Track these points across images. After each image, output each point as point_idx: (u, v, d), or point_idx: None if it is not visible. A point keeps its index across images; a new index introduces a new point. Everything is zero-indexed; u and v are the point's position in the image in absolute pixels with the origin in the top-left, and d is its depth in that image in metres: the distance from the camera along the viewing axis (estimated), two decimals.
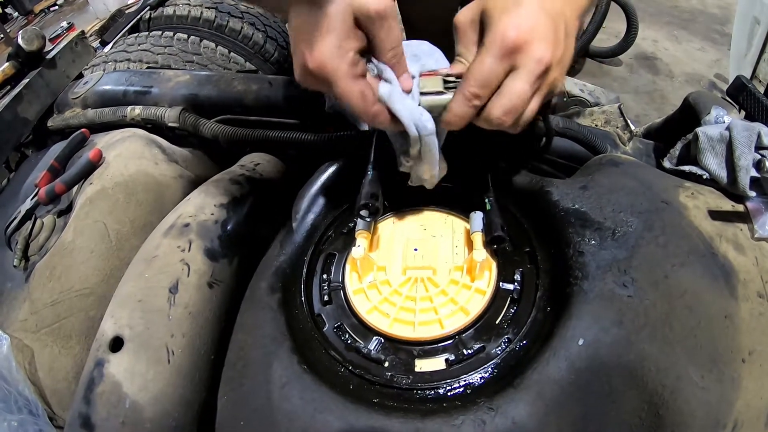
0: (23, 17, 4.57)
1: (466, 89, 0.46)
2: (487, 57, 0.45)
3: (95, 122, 0.81)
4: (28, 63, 0.88)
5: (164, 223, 0.57)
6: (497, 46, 0.44)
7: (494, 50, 0.45)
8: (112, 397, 0.46)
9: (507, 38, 0.44)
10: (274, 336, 0.50)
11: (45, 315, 0.59)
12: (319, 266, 0.57)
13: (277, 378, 0.47)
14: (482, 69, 0.45)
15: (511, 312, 0.49)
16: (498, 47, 0.44)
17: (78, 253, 0.60)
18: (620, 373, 0.43)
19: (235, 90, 0.75)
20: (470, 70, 0.46)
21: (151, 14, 1.34)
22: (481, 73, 0.45)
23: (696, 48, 2.49)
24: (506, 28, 0.44)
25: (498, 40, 0.44)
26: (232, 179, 0.62)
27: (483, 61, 0.45)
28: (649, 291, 0.45)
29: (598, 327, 0.44)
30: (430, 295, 0.50)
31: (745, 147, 0.54)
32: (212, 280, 0.53)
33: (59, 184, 0.67)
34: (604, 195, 0.53)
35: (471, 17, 0.49)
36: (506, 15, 0.45)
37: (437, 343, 0.48)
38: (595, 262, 0.48)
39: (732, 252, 0.50)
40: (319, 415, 0.44)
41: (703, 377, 0.43)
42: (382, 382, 0.46)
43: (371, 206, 0.52)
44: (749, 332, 0.47)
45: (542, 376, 0.42)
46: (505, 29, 0.44)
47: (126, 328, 0.48)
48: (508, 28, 0.44)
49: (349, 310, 0.52)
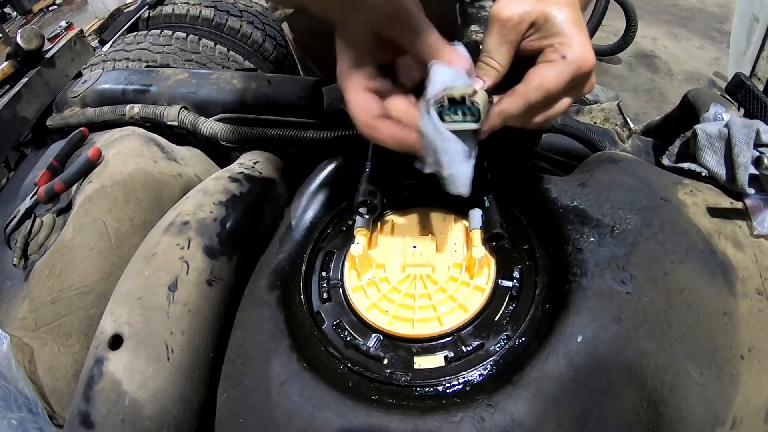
0: (22, 17, 4.57)
1: (531, 96, 0.44)
2: (566, 72, 0.44)
3: (94, 121, 0.81)
4: (27, 62, 0.88)
5: (163, 221, 0.57)
6: (576, 69, 0.44)
7: (572, 71, 0.44)
8: (111, 395, 0.46)
9: (587, 62, 0.44)
10: (273, 333, 0.50)
11: (45, 313, 0.59)
12: (318, 264, 0.57)
13: (277, 375, 0.47)
14: (557, 84, 0.44)
15: (510, 309, 0.49)
16: (576, 69, 0.44)
17: (78, 251, 0.60)
18: (619, 370, 0.43)
19: (234, 88, 0.75)
20: (547, 78, 0.44)
21: (149, 13, 1.34)
22: (555, 87, 0.44)
23: (695, 46, 2.49)
24: (584, 50, 0.44)
25: (578, 62, 0.44)
26: (231, 177, 0.62)
27: (561, 76, 0.44)
28: (648, 288, 0.45)
29: (597, 324, 0.44)
30: (429, 293, 0.50)
31: (743, 144, 0.54)
32: (211, 277, 0.53)
33: (58, 183, 0.67)
34: (602, 192, 0.53)
35: (521, 16, 0.45)
36: (579, 31, 0.44)
37: (436, 340, 0.48)
38: (593, 259, 0.48)
39: (731, 249, 0.50)
40: (318, 412, 0.44)
41: (702, 374, 0.44)
42: (381, 380, 0.46)
43: (370, 203, 0.52)
44: (748, 329, 0.47)
45: (541, 373, 0.42)
46: (583, 51, 0.44)
47: (125, 325, 0.48)
48: (585, 49, 0.44)
49: (348, 308, 0.52)
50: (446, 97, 0.43)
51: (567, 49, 0.44)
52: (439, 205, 0.60)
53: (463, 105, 0.44)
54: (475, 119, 0.44)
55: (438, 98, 0.44)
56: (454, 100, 0.43)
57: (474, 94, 0.43)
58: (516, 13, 0.45)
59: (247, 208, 0.60)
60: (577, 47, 0.44)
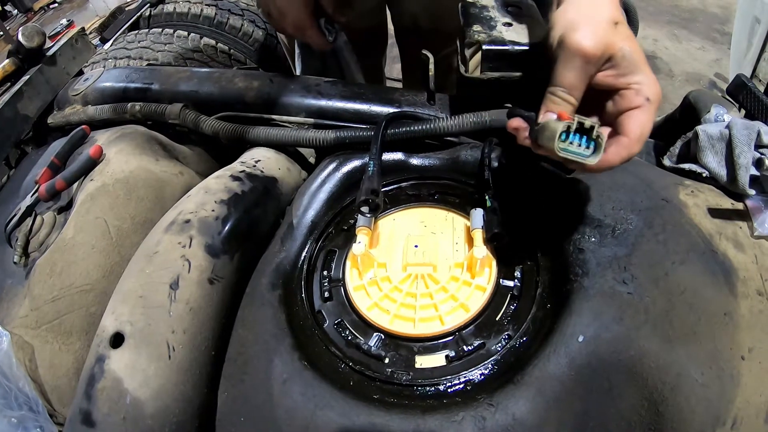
0: (23, 14, 4.56)
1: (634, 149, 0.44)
2: (653, 112, 0.45)
3: (95, 119, 0.81)
4: (29, 60, 0.88)
5: (165, 220, 0.57)
6: (657, 101, 0.45)
7: (656, 105, 0.45)
8: (113, 393, 0.46)
9: (660, 95, 0.45)
10: (275, 332, 0.50)
11: (45, 311, 0.59)
12: (319, 263, 0.57)
13: (278, 374, 0.47)
14: (650, 126, 0.45)
15: (511, 309, 0.49)
16: (657, 101, 0.45)
17: (79, 249, 0.60)
18: (620, 370, 0.43)
19: (235, 87, 0.75)
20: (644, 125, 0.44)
21: (151, 11, 1.34)
22: (649, 128, 0.45)
23: (696, 47, 2.49)
24: (658, 88, 0.45)
25: (658, 101, 0.45)
26: (233, 176, 0.62)
27: (651, 118, 0.45)
28: (649, 288, 0.46)
29: (599, 324, 0.44)
30: (431, 292, 0.51)
31: (744, 145, 0.54)
32: (213, 276, 0.53)
33: (60, 181, 0.66)
34: (604, 192, 0.53)
35: (603, 51, 0.44)
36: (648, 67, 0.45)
37: (437, 339, 0.48)
38: (595, 259, 0.48)
39: (732, 250, 0.50)
40: (319, 411, 0.44)
41: (703, 374, 0.44)
42: (383, 379, 0.46)
43: (372, 202, 0.53)
44: (749, 329, 0.47)
45: (542, 372, 0.42)
46: (658, 89, 0.45)
47: (127, 324, 0.48)
48: (658, 85, 0.45)
49: (349, 307, 0.52)
50: (578, 121, 0.42)
51: (648, 90, 0.45)
52: (441, 205, 0.60)
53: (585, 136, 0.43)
54: (592, 154, 0.43)
55: (567, 120, 0.43)
56: (583, 127, 0.43)
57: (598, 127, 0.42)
58: (600, 48, 0.44)
59: (248, 207, 0.60)
60: (654, 86, 0.45)
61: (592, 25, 0.45)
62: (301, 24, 0.72)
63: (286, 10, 0.71)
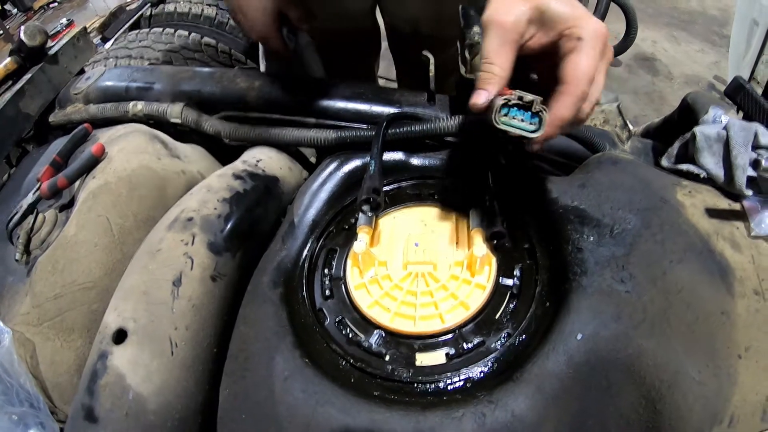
0: (22, 14, 4.56)
1: (577, 91, 0.44)
2: (591, 50, 0.44)
3: (97, 118, 0.81)
4: (30, 58, 0.88)
5: (168, 217, 0.57)
6: (597, 42, 0.44)
7: (594, 42, 0.44)
8: (115, 389, 0.47)
9: (601, 31, 0.44)
10: (276, 330, 0.50)
11: (47, 308, 0.60)
12: (320, 261, 0.57)
13: (279, 371, 0.47)
14: (591, 65, 0.44)
15: (510, 307, 0.50)
16: (597, 43, 0.44)
17: (81, 246, 0.60)
18: (618, 368, 0.43)
19: (237, 86, 0.75)
20: (579, 66, 0.44)
21: (152, 11, 1.34)
22: (591, 69, 0.44)
23: (695, 49, 2.50)
24: (593, 22, 0.44)
25: (595, 36, 0.44)
26: (235, 174, 0.63)
27: (589, 55, 0.44)
28: (647, 287, 0.46)
29: (597, 322, 0.44)
30: (431, 290, 0.51)
31: (742, 146, 0.55)
32: (215, 273, 0.53)
33: (61, 179, 0.67)
34: (602, 192, 0.53)
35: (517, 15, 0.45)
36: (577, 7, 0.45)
37: (437, 337, 0.49)
38: (593, 258, 0.48)
39: (729, 250, 0.51)
40: (320, 408, 0.44)
41: (700, 372, 0.44)
42: (383, 376, 0.47)
43: (373, 201, 0.53)
44: (745, 328, 0.47)
45: (542, 370, 0.43)
46: (593, 23, 0.44)
47: (130, 320, 0.48)
48: (593, 20, 0.44)
49: (350, 305, 0.53)
50: (517, 96, 0.43)
51: (579, 30, 0.44)
52: (441, 204, 0.60)
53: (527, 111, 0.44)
54: (534, 128, 0.44)
55: (507, 95, 0.44)
56: (523, 102, 0.44)
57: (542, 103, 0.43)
58: (512, 13, 0.45)
59: (250, 206, 0.60)
60: (586, 23, 0.44)
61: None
62: (265, 33, 0.74)
63: (252, 20, 0.73)
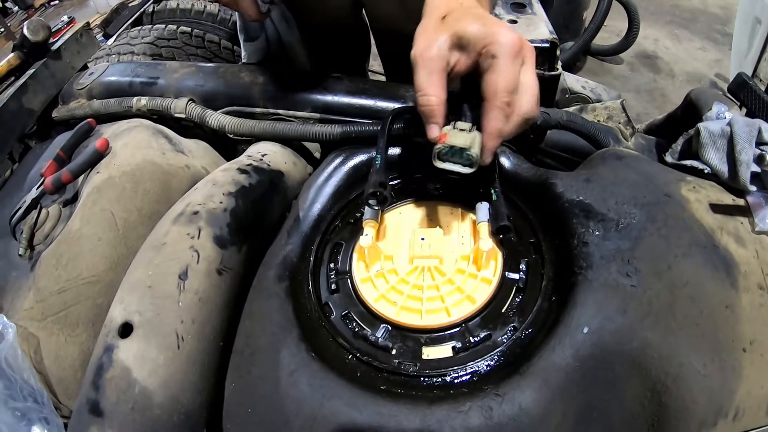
0: (23, 11, 4.55)
1: (497, 104, 0.48)
2: (504, 64, 0.47)
3: (101, 113, 0.81)
4: (34, 54, 0.88)
5: (173, 211, 0.57)
6: (510, 55, 0.47)
7: (507, 55, 0.47)
8: (121, 383, 0.47)
9: (512, 43, 0.47)
10: (282, 324, 0.50)
11: (51, 303, 0.59)
12: (326, 255, 0.57)
13: (285, 365, 0.47)
14: (509, 77, 0.47)
15: (516, 301, 0.50)
16: (511, 55, 0.47)
17: (85, 241, 0.60)
18: (624, 361, 0.43)
19: (241, 81, 0.75)
20: (495, 82, 0.47)
21: (154, 7, 1.34)
22: (506, 80, 0.47)
23: (697, 47, 2.50)
24: (503, 37, 0.47)
25: (507, 49, 0.47)
26: (240, 169, 0.63)
27: (503, 70, 0.47)
28: (653, 281, 0.46)
29: (603, 315, 0.44)
30: (437, 284, 0.51)
31: (746, 142, 0.55)
32: (221, 267, 0.53)
33: (65, 173, 0.67)
34: (607, 187, 0.53)
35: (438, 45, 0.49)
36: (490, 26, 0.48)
37: (444, 330, 0.49)
38: (599, 252, 0.48)
39: (733, 244, 0.51)
40: (327, 401, 0.44)
41: (705, 365, 0.44)
42: (390, 370, 0.47)
43: (379, 195, 0.53)
44: (750, 322, 0.47)
45: (548, 363, 0.43)
46: (503, 38, 0.47)
47: (135, 314, 0.48)
48: (503, 35, 0.47)
49: (356, 299, 0.53)
50: (448, 145, 0.50)
51: (493, 48, 0.47)
52: (447, 198, 0.60)
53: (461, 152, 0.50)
54: (469, 165, 0.51)
55: (440, 146, 0.50)
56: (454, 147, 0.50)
57: (470, 148, 0.49)
58: (434, 46, 0.49)
59: (256, 199, 0.60)
60: (498, 40, 0.47)
61: (421, 31, 0.51)
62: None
63: None
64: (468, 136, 0.50)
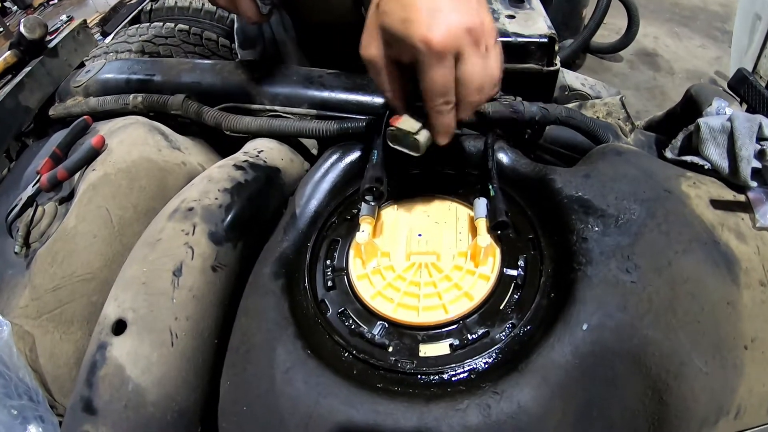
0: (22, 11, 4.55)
1: (434, 105, 0.47)
2: (429, 68, 0.45)
3: (97, 110, 0.81)
4: (30, 51, 0.88)
5: (168, 207, 0.56)
6: (431, 54, 0.44)
7: (431, 59, 0.44)
8: (114, 380, 0.46)
9: (433, 43, 0.43)
10: (278, 321, 0.50)
11: (46, 301, 0.59)
12: (322, 252, 0.57)
13: (281, 363, 0.47)
14: (435, 80, 0.45)
15: (515, 297, 0.49)
16: (432, 54, 0.44)
17: (81, 238, 0.60)
18: (624, 359, 0.43)
19: (238, 78, 0.75)
20: (425, 87, 0.46)
21: (152, 5, 1.34)
22: (435, 84, 0.45)
23: (697, 45, 2.50)
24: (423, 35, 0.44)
25: (427, 50, 0.44)
26: (236, 165, 0.62)
27: (429, 74, 0.45)
28: (653, 277, 0.46)
29: (602, 312, 0.44)
30: (434, 281, 0.51)
31: (746, 138, 0.54)
32: (216, 263, 0.53)
33: (61, 171, 0.66)
34: (607, 183, 0.53)
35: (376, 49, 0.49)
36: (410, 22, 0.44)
37: (441, 328, 0.48)
38: (598, 248, 0.48)
39: (734, 241, 0.50)
40: (323, 399, 0.44)
41: (706, 363, 0.44)
42: (386, 367, 0.46)
43: (376, 191, 0.52)
44: (751, 319, 0.47)
45: (547, 360, 0.42)
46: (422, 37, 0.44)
47: (129, 310, 0.48)
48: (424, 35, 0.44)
49: (353, 296, 0.52)
50: (397, 128, 0.52)
51: (417, 51, 0.45)
52: (445, 195, 0.60)
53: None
54: (416, 148, 0.53)
55: (392, 127, 0.53)
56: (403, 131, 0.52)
57: (417, 133, 0.51)
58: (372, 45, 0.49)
59: (251, 196, 0.60)
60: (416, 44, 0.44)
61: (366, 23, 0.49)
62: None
63: None
64: (417, 123, 0.52)
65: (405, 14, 0.44)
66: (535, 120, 0.64)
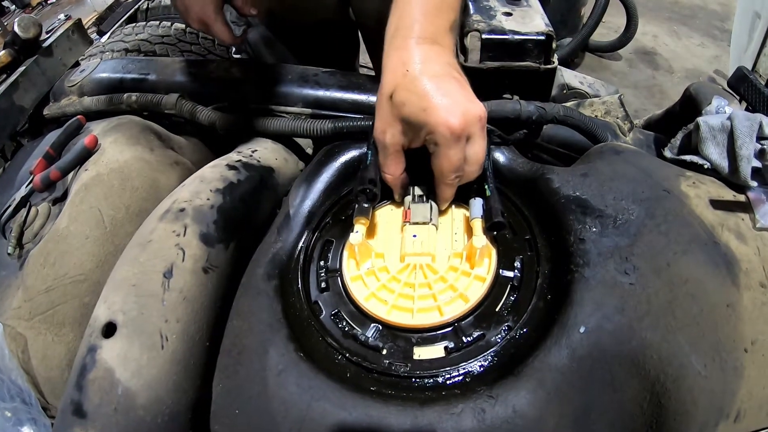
0: (20, 10, 4.54)
1: (447, 180, 0.52)
2: (446, 151, 0.49)
3: (92, 110, 0.80)
4: (25, 51, 0.87)
5: (160, 208, 0.56)
6: (448, 138, 0.49)
7: (448, 142, 0.49)
8: (104, 384, 0.45)
9: (449, 127, 0.48)
10: (271, 323, 0.49)
11: (39, 302, 0.58)
12: (316, 253, 0.56)
13: (273, 365, 0.46)
14: (450, 161, 0.50)
15: (511, 299, 0.49)
16: (449, 139, 0.49)
17: (73, 239, 0.59)
18: (622, 362, 0.42)
19: (232, 77, 0.74)
20: (440, 166, 0.51)
21: (148, 4, 1.33)
22: (450, 164, 0.50)
23: (696, 44, 2.49)
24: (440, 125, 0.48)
25: (446, 134, 0.48)
26: (229, 165, 0.62)
27: (445, 156, 0.50)
28: (651, 278, 0.45)
29: (600, 314, 0.43)
30: (429, 282, 0.50)
31: (746, 137, 0.53)
32: (208, 265, 0.52)
33: (54, 171, 0.65)
34: (605, 182, 0.52)
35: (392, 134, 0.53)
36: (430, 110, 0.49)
37: (436, 330, 0.47)
38: (596, 249, 0.47)
39: (734, 241, 0.50)
40: (315, 402, 0.43)
41: (705, 366, 0.43)
42: (380, 370, 0.45)
43: (369, 192, 0.52)
44: (751, 321, 0.46)
45: (543, 364, 0.42)
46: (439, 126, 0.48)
47: (119, 313, 0.47)
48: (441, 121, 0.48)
49: (346, 297, 0.51)
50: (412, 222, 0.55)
51: (434, 137, 0.49)
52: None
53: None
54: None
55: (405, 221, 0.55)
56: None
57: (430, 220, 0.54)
58: (388, 132, 0.53)
59: (244, 196, 0.59)
60: (437, 126, 0.48)
61: (378, 109, 0.54)
62: (205, 18, 0.69)
63: (189, 3, 0.68)
64: (425, 209, 0.55)
65: (424, 104, 0.49)
66: (533, 119, 0.63)
